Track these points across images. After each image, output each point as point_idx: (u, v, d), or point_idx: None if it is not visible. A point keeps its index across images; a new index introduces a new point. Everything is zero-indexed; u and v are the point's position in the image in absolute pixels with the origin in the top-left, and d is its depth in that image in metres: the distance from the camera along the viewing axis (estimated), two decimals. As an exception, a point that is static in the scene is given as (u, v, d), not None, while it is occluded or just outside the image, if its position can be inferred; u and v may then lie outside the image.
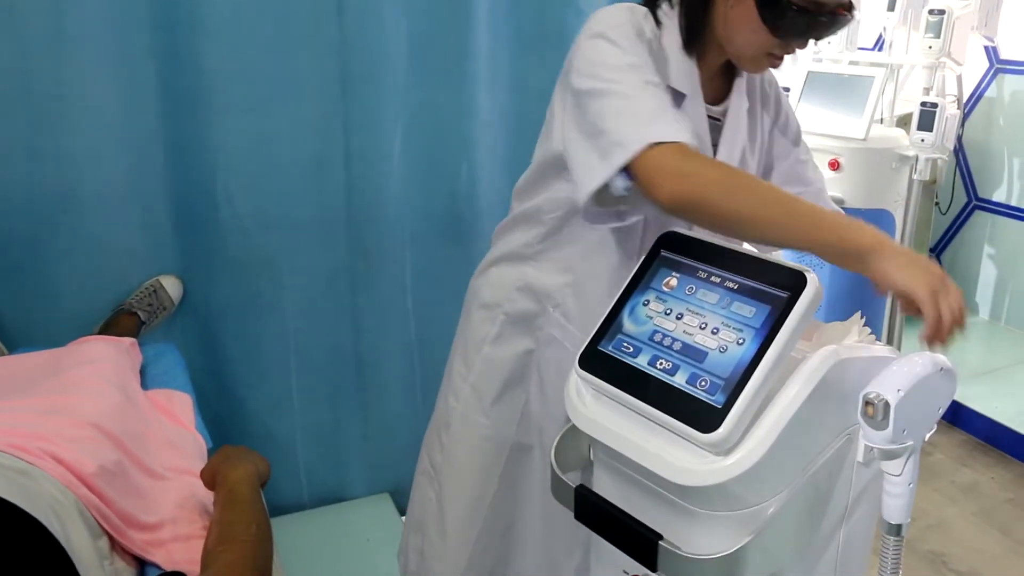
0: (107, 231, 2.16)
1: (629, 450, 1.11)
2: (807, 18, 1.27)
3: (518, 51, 2.38)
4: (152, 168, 2.17)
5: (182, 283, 2.27)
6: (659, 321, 1.15)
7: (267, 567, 1.18)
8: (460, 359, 1.59)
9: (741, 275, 1.11)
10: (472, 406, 1.55)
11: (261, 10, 2.10)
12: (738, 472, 1.01)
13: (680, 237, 1.21)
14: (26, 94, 1.99)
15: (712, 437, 1.01)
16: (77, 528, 1.15)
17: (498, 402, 1.53)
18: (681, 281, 1.17)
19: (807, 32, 1.30)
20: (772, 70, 1.45)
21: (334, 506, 2.54)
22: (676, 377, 1.09)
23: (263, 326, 2.31)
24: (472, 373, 1.55)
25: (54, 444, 1.29)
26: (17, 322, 2.15)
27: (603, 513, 1.17)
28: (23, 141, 2.01)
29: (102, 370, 1.64)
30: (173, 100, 2.13)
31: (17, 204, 2.05)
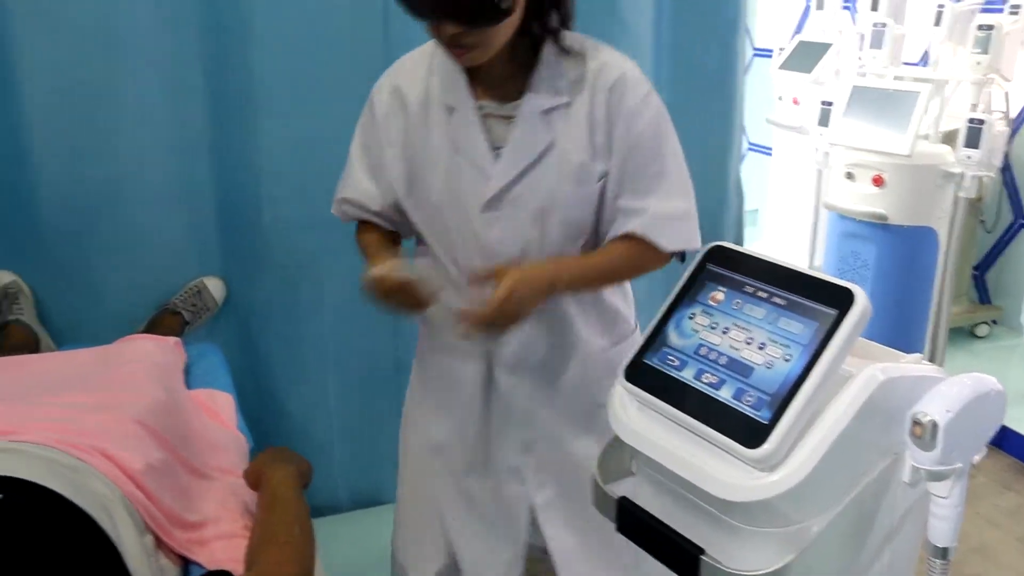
0: (153, 232, 2.20)
1: (673, 463, 1.11)
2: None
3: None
4: (198, 170, 2.21)
5: (225, 284, 2.30)
6: (705, 335, 1.15)
7: (309, 568, 1.19)
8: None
9: (788, 291, 1.10)
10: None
11: (307, 16, 2.13)
12: (783, 489, 1.01)
13: (727, 251, 1.21)
14: (77, 95, 2.04)
15: (757, 453, 1.00)
16: (125, 524, 1.17)
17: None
18: (728, 295, 1.16)
19: (410, 9, 1.25)
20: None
21: (370, 509, 2.55)
22: (721, 391, 1.08)
23: (303, 328, 2.33)
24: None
25: (102, 441, 1.31)
26: (64, 319, 2.19)
27: (645, 526, 1.17)
28: (73, 141, 2.06)
29: (148, 369, 1.66)
30: (219, 103, 2.17)
31: (66, 204, 2.10)
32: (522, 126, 1.37)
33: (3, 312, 2.06)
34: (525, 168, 1.38)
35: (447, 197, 1.42)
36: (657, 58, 2.50)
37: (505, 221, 1.41)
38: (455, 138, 1.39)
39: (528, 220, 1.40)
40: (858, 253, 3.01)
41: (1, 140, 2.02)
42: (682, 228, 1.44)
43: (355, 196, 1.52)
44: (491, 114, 1.39)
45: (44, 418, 1.33)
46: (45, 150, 2.04)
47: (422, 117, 1.42)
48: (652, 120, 1.38)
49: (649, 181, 1.40)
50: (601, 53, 1.38)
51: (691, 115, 2.57)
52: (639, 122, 1.37)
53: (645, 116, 1.37)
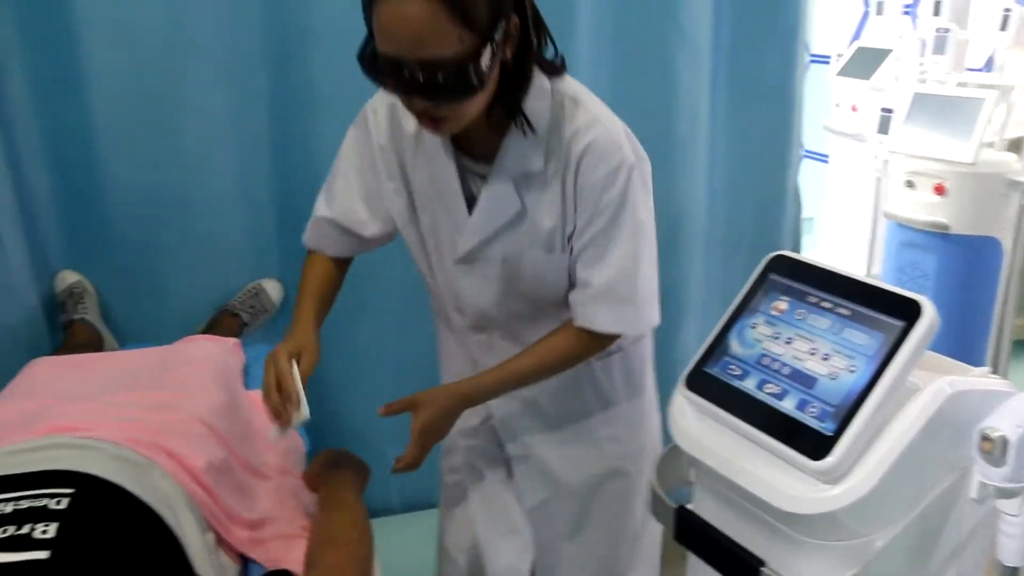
0: (214, 234, 2.23)
1: (734, 473, 1.10)
2: (380, 67, 1.17)
3: (618, 67, 2.37)
4: (259, 173, 2.24)
5: (283, 287, 2.32)
6: (767, 345, 1.14)
7: (368, 570, 1.20)
8: None
9: (853, 301, 1.09)
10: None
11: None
12: (847, 502, 1.00)
13: (789, 261, 1.20)
14: (144, 100, 2.08)
15: (822, 465, 0.99)
16: (188, 522, 1.19)
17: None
18: (791, 305, 1.15)
19: (383, 83, 1.20)
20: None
21: (423, 512, 2.55)
22: (784, 402, 1.08)
23: (360, 330, 2.36)
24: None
25: (166, 439, 1.33)
26: (127, 319, 2.24)
27: (704, 536, 1.16)
28: (141, 146, 2.10)
29: (208, 369, 1.69)
30: (281, 106, 2.20)
31: (133, 207, 2.14)
32: (493, 190, 1.35)
33: (68, 311, 2.11)
34: (494, 231, 1.38)
35: (431, 241, 1.46)
36: (715, 64, 2.48)
37: (477, 275, 1.44)
38: (436, 181, 1.40)
39: (499, 277, 1.43)
40: (917, 263, 2.96)
41: (71, 144, 2.07)
42: (622, 311, 1.39)
43: (347, 221, 1.50)
44: (468, 168, 1.39)
45: (111, 416, 1.36)
46: (113, 154, 2.08)
47: (414, 148, 1.40)
48: (617, 194, 1.32)
49: (597, 252, 1.36)
50: (579, 115, 1.31)
51: (748, 122, 2.57)
52: (603, 195, 1.32)
53: (610, 190, 1.32)
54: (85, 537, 1.00)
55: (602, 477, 1.62)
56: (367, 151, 1.46)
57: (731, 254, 2.69)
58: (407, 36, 1.11)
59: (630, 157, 1.33)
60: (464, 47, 1.13)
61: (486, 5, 1.13)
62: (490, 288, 1.44)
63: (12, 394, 1.57)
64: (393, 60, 1.14)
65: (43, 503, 1.01)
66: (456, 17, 1.11)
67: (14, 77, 1.99)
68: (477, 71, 1.15)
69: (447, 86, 1.15)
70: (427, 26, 1.10)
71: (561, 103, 1.32)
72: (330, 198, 1.51)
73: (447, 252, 1.44)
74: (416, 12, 1.09)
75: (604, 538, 1.66)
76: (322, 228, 1.52)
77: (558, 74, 1.33)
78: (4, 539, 0.96)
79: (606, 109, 1.36)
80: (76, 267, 2.18)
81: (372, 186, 1.47)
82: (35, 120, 2.04)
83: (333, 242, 1.53)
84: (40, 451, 1.18)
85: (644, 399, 1.64)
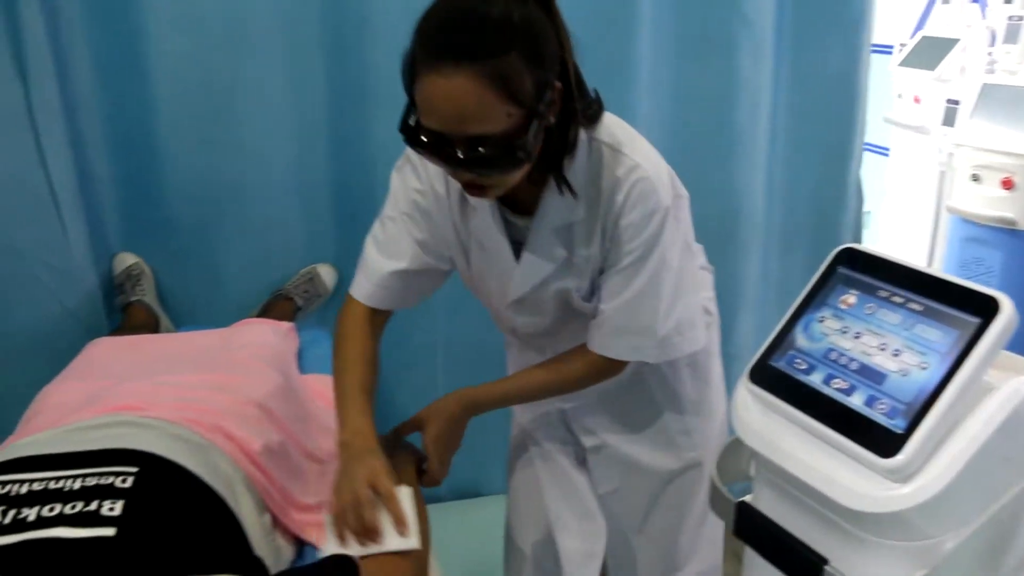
0: (270, 219, 2.25)
1: (799, 469, 1.08)
2: (424, 140, 1.15)
3: (680, 58, 2.35)
4: (315, 160, 2.25)
5: (337, 272, 2.33)
6: (835, 339, 1.11)
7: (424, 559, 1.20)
8: None
9: (926, 297, 1.06)
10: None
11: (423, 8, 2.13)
12: (917, 501, 0.97)
13: (859, 254, 1.17)
14: (206, 87, 2.10)
15: (891, 463, 0.97)
16: (246, 503, 1.20)
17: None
18: (860, 299, 1.12)
19: (429, 155, 1.17)
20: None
21: (472, 500, 2.57)
22: (852, 398, 1.05)
23: (413, 318, 2.34)
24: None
25: (224, 421, 1.34)
26: (183, 302, 2.27)
27: (765, 532, 1.14)
28: (200, 132, 2.12)
29: (265, 353, 1.69)
30: (338, 94, 2.20)
31: (190, 189, 2.16)
32: (537, 242, 1.35)
33: (126, 293, 2.14)
34: (542, 280, 1.38)
35: (480, 282, 1.48)
36: (778, 54, 2.44)
37: (530, 313, 1.46)
38: (479, 231, 1.39)
39: (552, 311, 1.44)
40: (982, 259, 2.89)
41: (132, 129, 2.09)
42: (639, 341, 1.38)
43: (416, 265, 1.43)
44: (510, 221, 1.38)
45: (169, 396, 1.37)
46: (172, 139, 2.10)
47: (459, 196, 1.38)
48: (648, 237, 1.30)
49: (617, 286, 1.35)
50: (619, 164, 1.29)
51: (812, 114, 2.52)
52: (635, 238, 1.30)
53: (642, 234, 1.30)
54: (149, 516, 1.01)
55: (676, 469, 1.62)
56: (411, 195, 1.42)
57: (789, 248, 2.65)
58: (453, 114, 1.10)
59: (665, 201, 1.30)
60: (511, 122, 1.12)
61: (532, 79, 1.12)
62: (544, 320, 1.47)
63: (73, 374, 1.59)
64: (438, 134, 1.12)
65: (110, 480, 1.03)
66: (503, 94, 1.09)
67: (81, 63, 2.02)
68: (524, 144, 1.13)
69: (493, 160, 1.14)
70: (474, 104, 1.08)
71: (599, 154, 1.30)
72: (379, 245, 1.45)
73: (497, 296, 1.46)
74: (462, 90, 1.07)
75: (670, 527, 1.66)
76: (380, 280, 1.45)
77: (594, 121, 1.30)
78: (73, 515, 0.98)
79: (645, 148, 1.33)
80: (134, 250, 2.21)
81: (422, 227, 1.42)
82: (98, 106, 2.07)
83: (392, 294, 1.47)
84: (102, 428, 1.19)
85: (711, 390, 1.63)
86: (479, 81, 1.07)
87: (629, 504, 1.67)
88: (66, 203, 2.00)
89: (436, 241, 1.43)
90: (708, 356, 1.61)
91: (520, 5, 1.11)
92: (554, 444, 1.67)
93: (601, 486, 1.67)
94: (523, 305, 1.44)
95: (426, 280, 1.48)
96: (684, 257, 1.39)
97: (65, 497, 1.00)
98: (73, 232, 2.02)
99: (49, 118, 1.94)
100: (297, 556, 1.32)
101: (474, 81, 1.07)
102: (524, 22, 1.11)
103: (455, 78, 1.07)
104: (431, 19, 1.13)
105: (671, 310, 1.37)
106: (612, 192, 1.29)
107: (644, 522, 1.67)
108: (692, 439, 1.61)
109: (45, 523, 0.97)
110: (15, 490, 1.02)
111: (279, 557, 1.25)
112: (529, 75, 1.11)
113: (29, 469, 1.07)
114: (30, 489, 1.02)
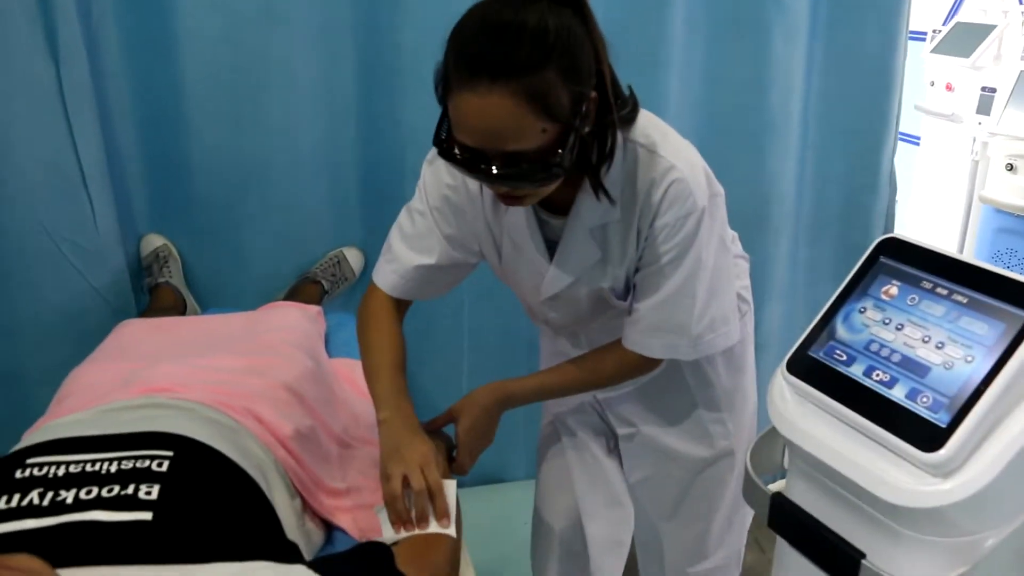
0: (297, 200, 2.23)
1: (837, 462, 1.06)
2: (457, 155, 1.14)
3: (712, 40, 2.31)
4: (343, 141, 2.23)
5: (364, 255, 2.32)
6: (876, 330, 1.09)
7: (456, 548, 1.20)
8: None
9: (972, 289, 1.04)
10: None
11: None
12: (960, 497, 0.95)
13: (901, 244, 1.14)
14: (235, 66, 2.08)
15: (934, 457, 0.95)
16: (278, 487, 1.20)
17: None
18: (902, 290, 1.10)
19: (463, 170, 1.16)
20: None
21: (493, 486, 2.56)
22: (894, 391, 1.03)
23: (439, 303, 2.31)
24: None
25: (255, 404, 1.34)
26: (209, 283, 2.26)
27: (801, 525, 1.13)
28: (229, 110, 2.10)
29: (294, 336, 1.69)
30: (368, 74, 2.18)
31: (219, 170, 2.15)
32: (571, 242, 1.34)
33: (154, 274, 2.14)
34: (576, 279, 1.37)
35: (513, 279, 1.47)
36: (811, 39, 2.40)
37: (563, 308, 1.46)
38: (513, 229, 1.38)
39: (586, 307, 1.44)
40: (1015, 250, 2.85)
41: (161, 108, 2.08)
42: (673, 339, 1.36)
43: (445, 260, 1.43)
44: (545, 220, 1.37)
45: (200, 379, 1.37)
46: (201, 119, 2.09)
47: (492, 194, 1.35)
48: (684, 237, 1.28)
49: (651, 285, 1.34)
50: (655, 165, 1.27)
51: (845, 100, 2.48)
52: (671, 239, 1.29)
53: (678, 235, 1.28)
54: (186, 500, 1.01)
55: (707, 457, 1.61)
56: (443, 190, 1.41)
57: (819, 236, 2.62)
58: (488, 131, 1.08)
59: (701, 202, 1.28)
60: (546, 138, 1.10)
61: (568, 94, 1.10)
62: (577, 315, 1.47)
63: (104, 355, 1.59)
64: (472, 149, 1.11)
65: (146, 464, 1.03)
66: (539, 111, 1.07)
67: (109, 41, 2.00)
68: (559, 159, 1.11)
69: (528, 175, 1.12)
70: (510, 122, 1.07)
71: (635, 155, 1.28)
72: (407, 238, 1.44)
73: (530, 292, 1.46)
74: (498, 108, 1.06)
75: (701, 516, 1.66)
76: (405, 273, 1.45)
77: (630, 122, 1.28)
78: (111, 498, 0.98)
79: (681, 147, 1.31)
80: (160, 230, 2.21)
81: (452, 223, 1.41)
82: (127, 85, 2.06)
83: (418, 286, 1.48)
84: (137, 410, 1.19)
85: (745, 379, 1.62)
86: (515, 99, 1.05)
87: (660, 492, 1.66)
88: (95, 182, 1.99)
89: (465, 236, 1.42)
90: (743, 345, 1.60)
91: (555, 15, 1.08)
92: (586, 431, 1.67)
93: (632, 474, 1.67)
94: (557, 301, 1.44)
95: (453, 273, 1.48)
96: (720, 255, 1.36)
97: (102, 480, 1.00)
98: (101, 211, 2.02)
99: (79, 97, 1.93)
100: (327, 541, 1.32)
101: (510, 99, 1.05)
102: (560, 34, 1.08)
103: (490, 96, 1.05)
104: (465, 31, 1.10)
105: (706, 309, 1.35)
106: (648, 194, 1.27)
107: (674, 511, 1.66)
108: (725, 428, 1.60)
109: (83, 506, 0.97)
110: (52, 472, 1.03)
111: (309, 541, 1.24)
112: (565, 90, 1.09)
113: (66, 451, 1.07)
114: (67, 471, 1.02)
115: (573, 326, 1.53)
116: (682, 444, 1.61)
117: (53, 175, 1.95)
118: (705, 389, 1.57)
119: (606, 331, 1.46)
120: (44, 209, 1.96)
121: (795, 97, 2.42)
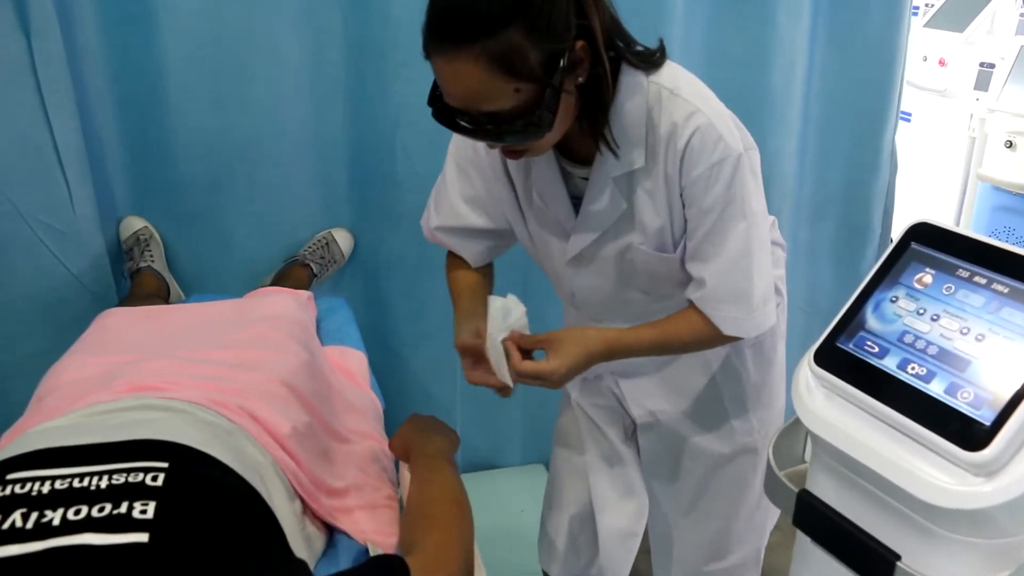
0: (284, 181, 2.15)
1: (870, 459, 1.01)
2: (446, 115, 1.16)
3: (714, 16, 2.26)
4: (331, 119, 2.15)
5: (353, 237, 2.25)
6: (910, 321, 1.04)
7: (470, 547, 1.13)
8: None
9: (1012, 277, 0.99)
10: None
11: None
12: (1004, 499, 0.90)
13: (934, 229, 1.09)
14: (215, 41, 1.99)
15: (978, 456, 0.90)
16: (277, 490, 1.13)
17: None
18: (937, 279, 1.05)
19: (456, 130, 1.17)
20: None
21: (488, 472, 2.52)
22: (931, 385, 0.98)
23: (432, 286, 2.27)
24: None
25: (250, 401, 1.26)
26: (192, 268, 2.18)
27: (830, 523, 1.08)
28: (211, 89, 2.02)
29: (287, 326, 1.60)
30: (357, 51, 2.10)
31: (201, 151, 2.06)
32: (596, 193, 1.30)
33: (135, 259, 2.06)
34: (602, 233, 1.33)
35: (539, 240, 1.43)
36: (814, 14, 2.35)
37: (590, 273, 1.41)
38: (538, 184, 1.36)
39: (612, 274, 1.39)
40: (1014, 228, 2.82)
41: (139, 86, 1.99)
42: (737, 313, 1.30)
43: (454, 223, 1.46)
44: (569, 171, 1.33)
45: (191, 374, 1.29)
46: (182, 97, 2.01)
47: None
48: (723, 188, 1.23)
49: (709, 249, 1.28)
50: (676, 108, 1.21)
51: (847, 77, 2.44)
52: (709, 192, 1.23)
53: (716, 186, 1.22)
54: (184, 518, 0.92)
55: (727, 453, 1.56)
56: (468, 151, 1.41)
57: (819, 214, 2.58)
58: (463, 94, 1.11)
59: (735, 146, 1.22)
60: (522, 96, 1.11)
61: (538, 51, 1.09)
62: (604, 285, 1.41)
63: (86, 348, 1.50)
64: (458, 110, 1.14)
65: (140, 478, 0.94)
66: (507, 72, 1.08)
67: (85, 16, 1.91)
68: (542, 114, 1.12)
69: (515, 132, 1.14)
70: (480, 85, 1.08)
71: (658, 96, 1.23)
72: (437, 204, 1.48)
73: (557, 253, 1.40)
74: (466, 72, 1.08)
75: (721, 513, 1.61)
76: (436, 238, 1.50)
77: (656, 66, 1.24)
78: (103, 518, 0.89)
79: (708, 95, 1.25)
80: (141, 213, 2.12)
81: (477, 185, 1.42)
82: (104, 62, 1.96)
83: (463, 247, 1.49)
84: (126, 412, 1.11)
85: (774, 374, 1.57)
86: (479, 62, 1.06)
87: (677, 487, 1.61)
88: (71, 162, 1.90)
89: (487, 197, 1.42)
90: (774, 338, 1.54)
91: None
92: (604, 417, 1.61)
93: (649, 466, 1.62)
94: (582, 263, 1.38)
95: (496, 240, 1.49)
96: (765, 217, 1.32)
97: (92, 497, 0.91)
98: (78, 192, 1.93)
99: (53, 72, 1.83)
100: (328, 545, 1.25)
101: (474, 63, 1.06)
102: None
103: (456, 61, 1.07)
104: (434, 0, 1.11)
105: (764, 273, 1.30)
106: (670, 138, 1.22)
107: (692, 507, 1.62)
108: (749, 423, 1.54)
109: (72, 528, 0.88)
110: (36, 489, 0.93)
111: (311, 546, 1.17)
112: (533, 47, 1.08)
113: (50, 464, 0.97)
114: (52, 488, 0.92)
115: (597, 308, 1.46)
116: (701, 437, 1.55)
117: (26, 154, 1.85)
118: (731, 381, 1.52)
119: (629, 316, 1.41)
120: (17, 190, 1.86)
121: (797, 74, 2.37)
